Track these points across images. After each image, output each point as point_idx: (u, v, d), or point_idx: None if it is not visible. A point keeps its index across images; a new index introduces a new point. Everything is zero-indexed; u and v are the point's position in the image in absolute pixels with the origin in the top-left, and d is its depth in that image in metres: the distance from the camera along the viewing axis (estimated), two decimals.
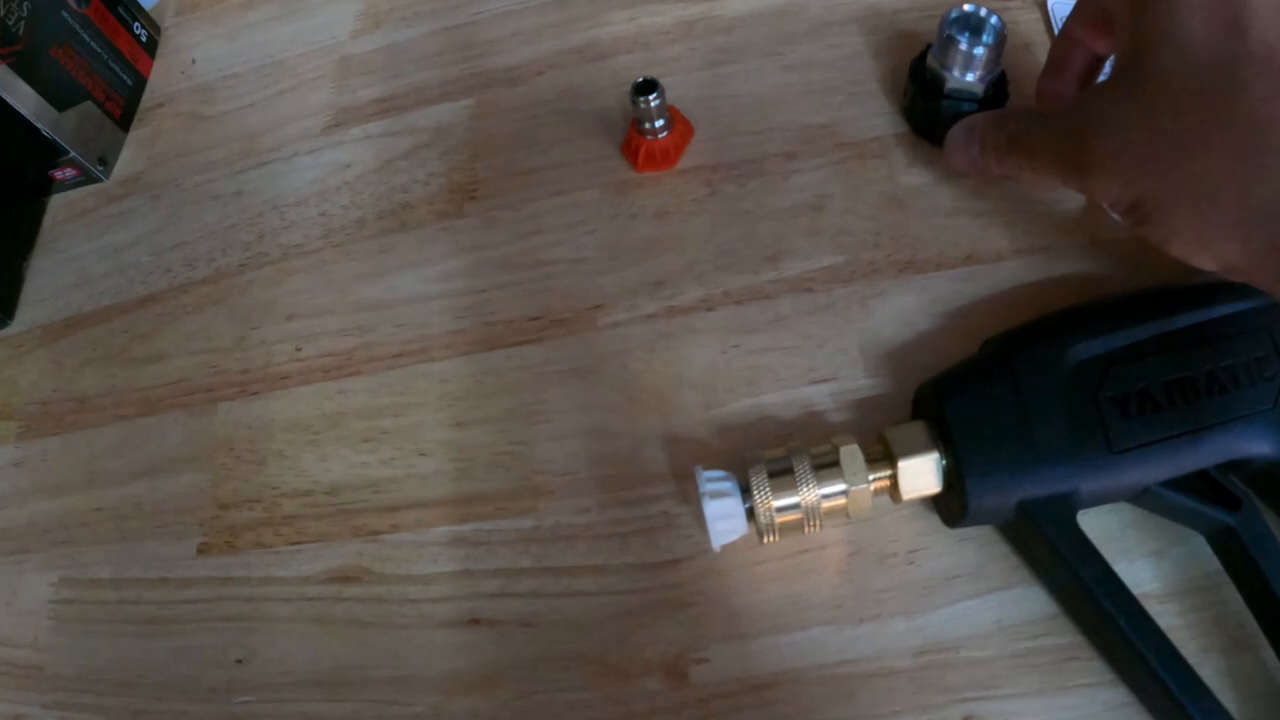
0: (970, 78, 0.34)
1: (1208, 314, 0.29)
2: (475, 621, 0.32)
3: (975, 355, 0.31)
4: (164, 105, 0.47)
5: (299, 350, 0.38)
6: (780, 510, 0.29)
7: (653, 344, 0.35)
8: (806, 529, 0.30)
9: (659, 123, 0.37)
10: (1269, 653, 0.27)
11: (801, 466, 0.29)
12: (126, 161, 0.46)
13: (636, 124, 0.37)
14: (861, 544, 0.31)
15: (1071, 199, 0.35)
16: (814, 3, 0.42)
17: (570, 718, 0.31)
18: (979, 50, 0.33)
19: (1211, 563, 0.29)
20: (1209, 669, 0.28)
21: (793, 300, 0.35)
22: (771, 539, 0.30)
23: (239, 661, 0.33)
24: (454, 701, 0.31)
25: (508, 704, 0.31)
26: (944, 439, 0.29)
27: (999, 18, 0.34)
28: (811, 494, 0.29)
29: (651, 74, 0.36)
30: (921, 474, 0.29)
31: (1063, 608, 0.29)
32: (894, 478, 0.29)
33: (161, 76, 0.48)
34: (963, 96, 0.35)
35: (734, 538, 0.30)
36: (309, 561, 0.34)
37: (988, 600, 0.30)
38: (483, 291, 0.38)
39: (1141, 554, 0.30)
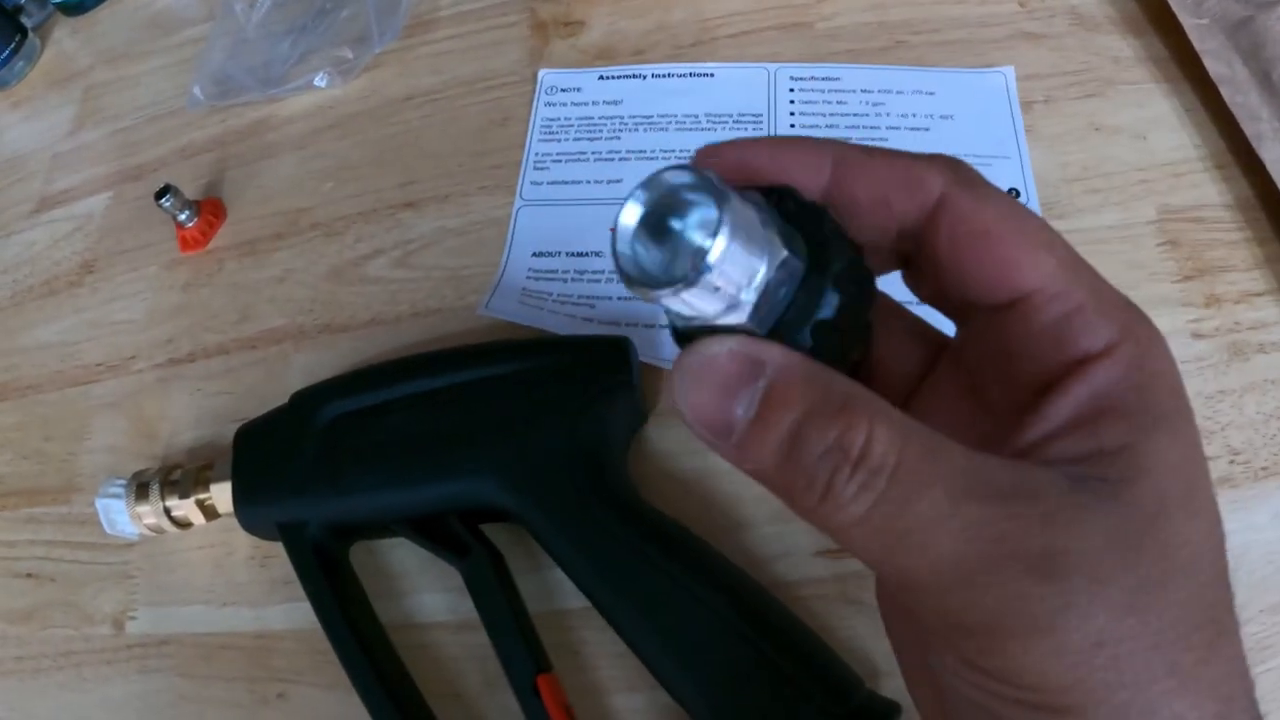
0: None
1: (460, 377, 0.37)
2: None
3: (283, 406, 0.40)
4: None
5: None
6: (144, 514, 0.38)
7: (154, 388, 0.46)
8: (169, 529, 0.39)
9: (182, 215, 0.48)
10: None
11: (154, 484, 0.39)
12: None
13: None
14: (234, 546, 0.41)
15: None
16: (342, 108, 0.51)
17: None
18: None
19: None
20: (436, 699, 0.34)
21: (241, 355, 0.45)
22: (161, 533, 0.39)
23: None
24: None
25: None
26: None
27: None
28: (158, 505, 0.39)
29: (176, 177, 0.47)
30: (224, 496, 0.38)
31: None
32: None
33: None
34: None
35: (126, 529, 0.39)
36: None
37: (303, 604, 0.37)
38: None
39: (442, 588, 0.36)
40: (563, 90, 0.48)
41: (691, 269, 0.16)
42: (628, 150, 0.45)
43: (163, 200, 0.46)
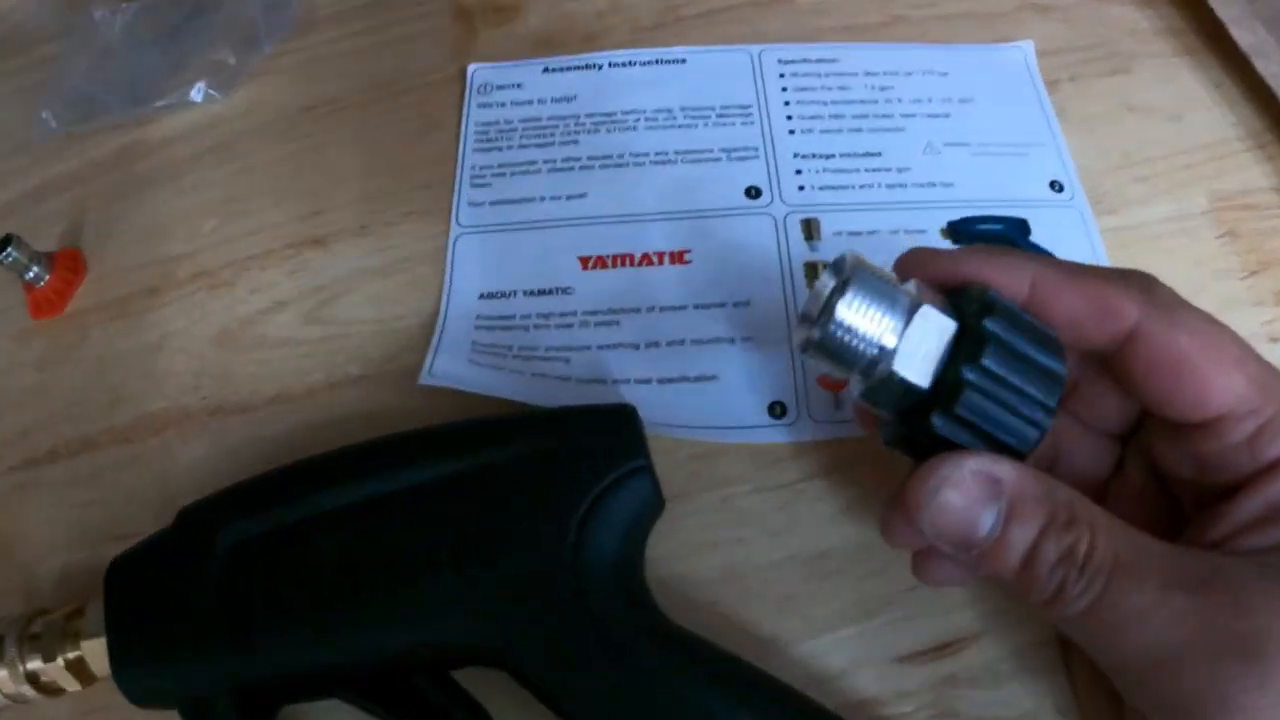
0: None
1: (409, 478, 0.27)
2: None
3: (169, 527, 0.30)
4: None
5: None
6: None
7: (7, 499, 0.36)
8: (33, 698, 0.29)
9: (30, 273, 0.38)
10: None
11: (8, 640, 0.29)
12: None
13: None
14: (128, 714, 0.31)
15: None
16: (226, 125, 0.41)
17: None
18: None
19: None
20: None
21: (113, 451, 0.35)
22: (23, 702, 0.29)
23: None
24: None
25: None
26: None
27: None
28: (17, 669, 0.29)
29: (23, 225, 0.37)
30: (101, 654, 0.29)
31: None
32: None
33: None
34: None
35: None
36: None
37: None
38: None
39: None
40: (499, 88, 0.39)
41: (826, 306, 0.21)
42: (589, 156, 0.36)
43: (2, 256, 0.36)
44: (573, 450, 0.26)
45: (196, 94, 0.41)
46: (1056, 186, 0.36)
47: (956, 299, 0.22)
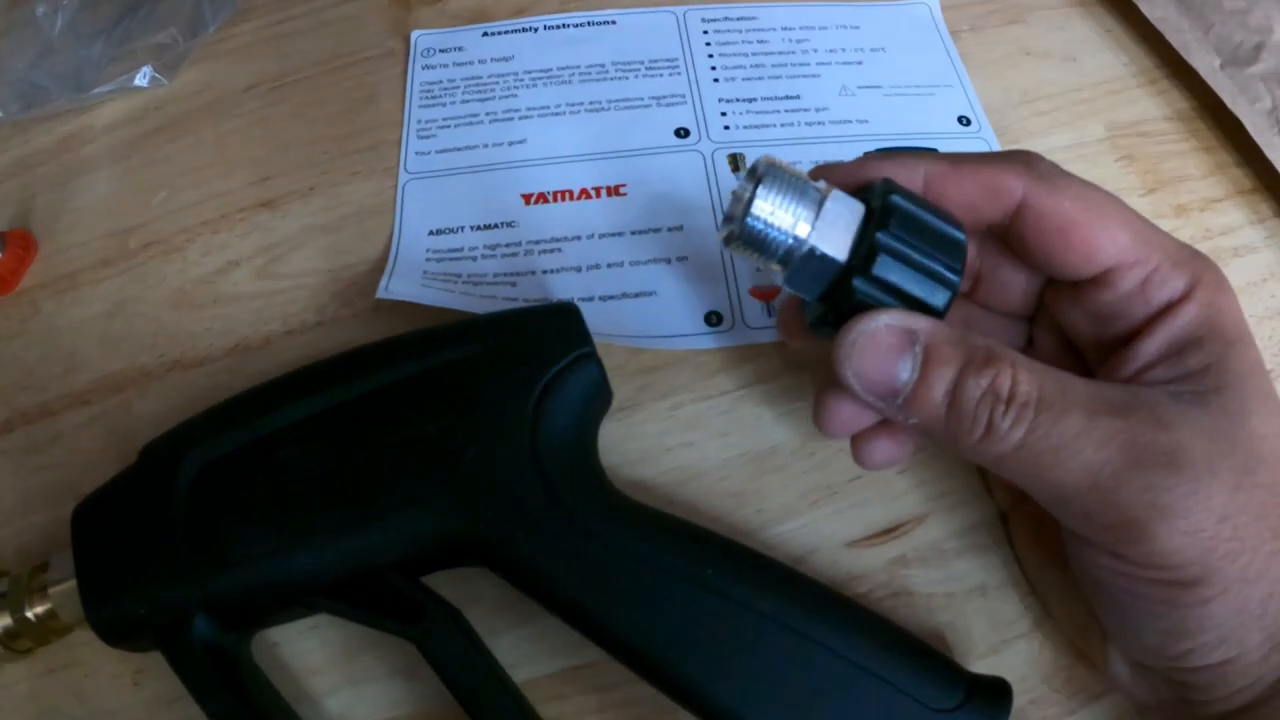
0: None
1: (368, 384, 0.28)
2: None
3: (132, 464, 0.31)
4: None
5: None
6: None
7: None
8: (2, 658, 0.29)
9: None
10: None
11: None
12: None
13: None
14: (96, 664, 0.31)
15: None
16: (172, 106, 0.42)
17: None
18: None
19: None
20: None
21: (72, 414, 0.35)
22: None
23: None
24: None
25: None
26: None
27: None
28: None
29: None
30: (71, 601, 0.29)
31: None
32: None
33: None
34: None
35: None
36: None
37: None
38: None
39: (381, 674, 0.28)
40: (441, 51, 0.41)
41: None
42: (528, 108, 0.38)
43: None
44: (522, 344, 0.27)
45: (142, 79, 0.42)
46: (964, 121, 0.39)
47: (862, 194, 0.24)
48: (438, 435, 0.26)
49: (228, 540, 0.26)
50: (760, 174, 0.23)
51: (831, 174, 0.25)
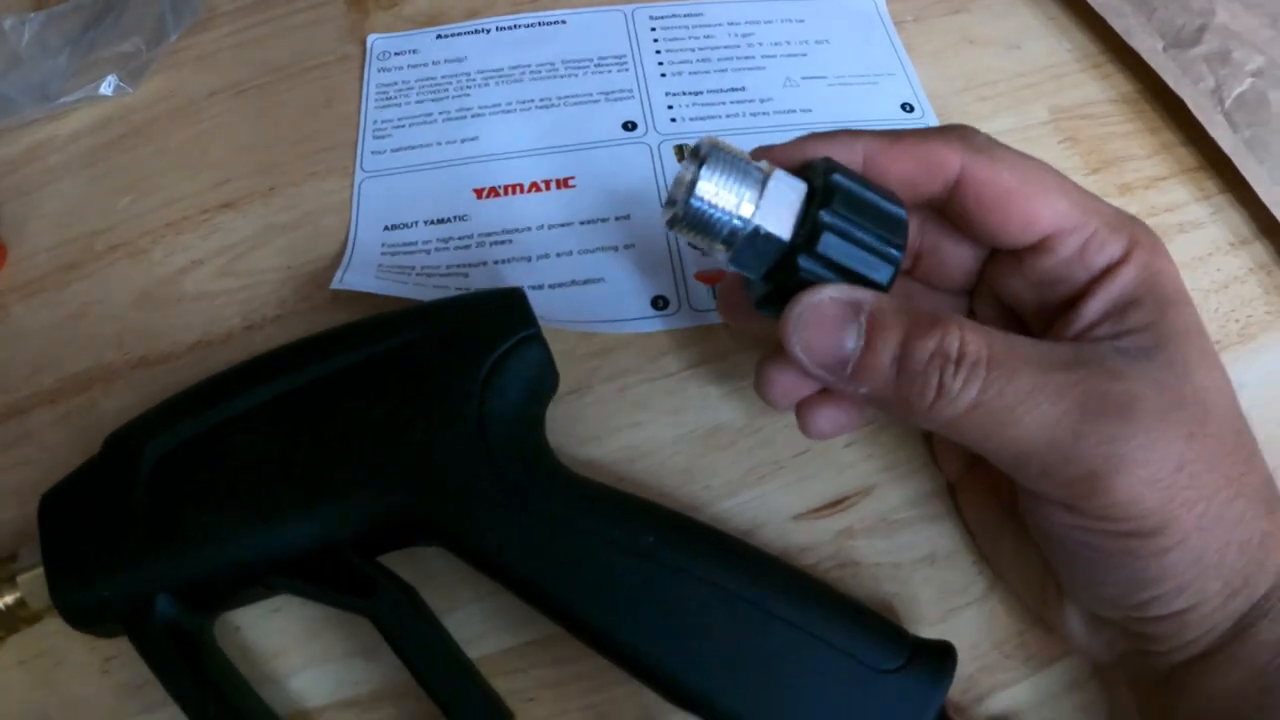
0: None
1: (319, 370, 0.29)
2: None
3: (96, 455, 0.32)
4: None
5: None
6: None
7: None
8: None
9: None
10: None
11: None
12: None
13: None
14: (63, 652, 0.32)
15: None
16: (137, 114, 0.43)
17: None
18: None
19: None
20: None
21: (40, 414, 0.36)
22: None
23: None
24: None
25: None
26: None
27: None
28: None
29: None
30: (38, 589, 0.29)
31: None
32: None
33: None
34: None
35: None
36: None
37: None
38: None
39: (340, 654, 0.29)
40: (396, 54, 0.42)
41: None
42: (480, 106, 0.39)
43: None
44: (469, 327, 0.28)
45: (107, 88, 0.43)
46: (907, 108, 0.40)
47: (803, 173, 0.25)
48: (386, 417, 0.27)
49: (187, 522, 0.27)
50: (704, 154, 0.23)
51: (772, 154, 0.26)
